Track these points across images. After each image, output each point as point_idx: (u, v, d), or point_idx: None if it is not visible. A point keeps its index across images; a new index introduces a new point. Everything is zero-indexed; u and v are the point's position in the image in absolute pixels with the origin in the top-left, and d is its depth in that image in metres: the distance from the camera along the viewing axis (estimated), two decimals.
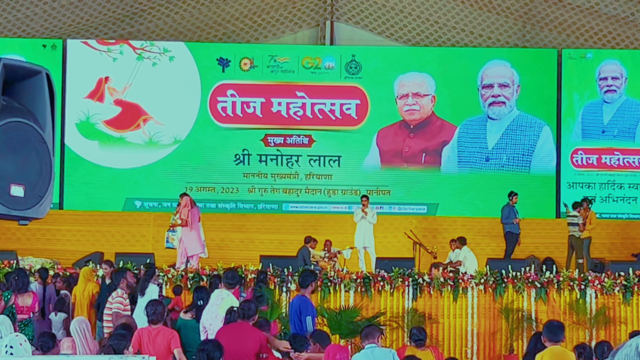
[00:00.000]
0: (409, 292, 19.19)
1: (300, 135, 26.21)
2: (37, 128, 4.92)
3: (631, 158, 26.16)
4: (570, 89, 26.32)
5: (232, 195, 26.04)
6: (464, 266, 20.88)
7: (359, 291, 19.23)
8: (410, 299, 19.16)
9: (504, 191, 24.92)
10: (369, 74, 26.30)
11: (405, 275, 19.32)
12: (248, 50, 26.43)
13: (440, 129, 26.38)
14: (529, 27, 26.66)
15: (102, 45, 26.19)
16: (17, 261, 20.20)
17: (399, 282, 19.19)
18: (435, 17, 26.52)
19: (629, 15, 25.99)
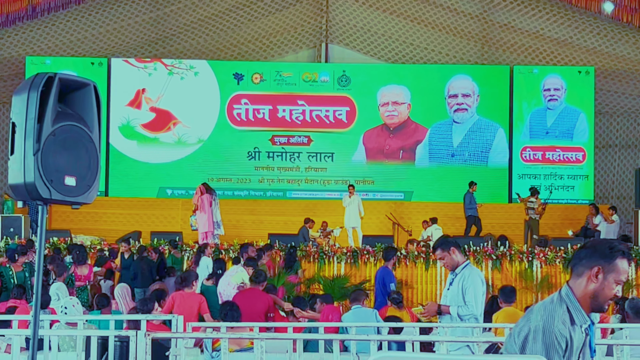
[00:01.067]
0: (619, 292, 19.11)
1: (301, 136, 26.21)
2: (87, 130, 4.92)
3: (569, 154, 26.18)
4: (520, 98, 26.32)
5: (245, 184, 26.05)
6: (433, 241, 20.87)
7: (349, 262, 19.25)
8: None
9: (466, 181, 24.94)
10: (357, 86, 26.29)
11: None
12: (258, 67, 26.41)
13: (414, 131, 26.38)
14: (486, 48, 26.67)
15: (140, 63, 26.16)
16: (71, 238, 20.21)
17: (381, 254, 19.20)
18: (411, 39, 26.53)
19: (568, 39, 25.97)
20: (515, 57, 26.50)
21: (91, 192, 4.96)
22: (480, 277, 8.43)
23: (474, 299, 8.20)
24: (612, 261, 4.18)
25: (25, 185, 4.70)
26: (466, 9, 26.05)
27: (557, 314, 4.14)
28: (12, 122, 4.75)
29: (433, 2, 25.93)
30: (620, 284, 4.18)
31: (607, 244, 4.25)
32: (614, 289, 4.18)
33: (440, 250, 8.42)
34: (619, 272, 4.18)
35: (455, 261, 8.39)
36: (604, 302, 4.19)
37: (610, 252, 4.20)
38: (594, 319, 4.28)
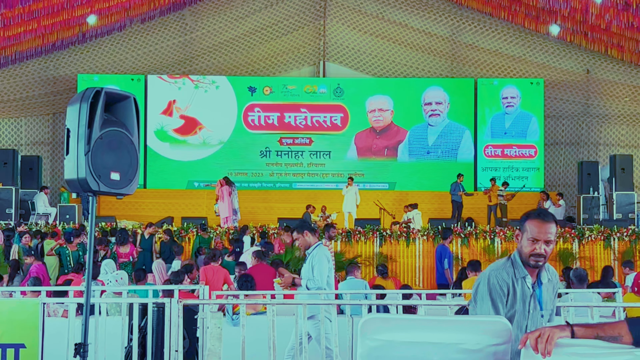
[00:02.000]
0: (376, 242, 19.22)
1: (304, 137, 26.18)
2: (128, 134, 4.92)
3: (524, 150, 26.16)
4: (483, 105, 26.31)
5: (258, 178, 26.04)
6: (413, 223, 20.89)
7: (344, 241, 19.24)
8: (377, 246, 19.19)
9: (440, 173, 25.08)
10: (349, 96, 26.27)
11: (374, 230, 19.36)
12: (268, 81, 26.39)
13: (396, 133, 26.36)
14: (455, 64, 26.66)
15: (171, 79, 26.13)
16: (116, 223, 20.24)
17: (370, 234, 19.22)
18: (393, 57, 26.53)
19: (522, 55, 25.96)
20: (478, 71, 26.50)
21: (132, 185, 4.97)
22: (326, 256, 8.36)
23: (319, 274, 8.17)
24: (524, 224, 4.31)
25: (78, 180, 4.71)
26: (438, 31, 26.06)
27: (502, 266, 4.31)
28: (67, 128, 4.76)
29: (411, 27, 25.94)
30: (535, 242, 4.22)
31: (525, 213, 4.42)
32: (529, 246, 4.24)
33: (296, 232, 8.43)
34: (530, 232, 4.26)
35: (308, 242, 8.36)
36: (526, 257, 4.26)
37: (524, 217, 4.36)
38: (545, 279, 4.33)
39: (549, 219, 4.29)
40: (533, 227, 4.27)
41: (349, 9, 26.13)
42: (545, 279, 4.36)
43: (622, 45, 24.62)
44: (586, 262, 18.78)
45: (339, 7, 26.19)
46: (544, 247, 4.23)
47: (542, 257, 4.24)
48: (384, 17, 25.95)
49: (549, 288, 4.37)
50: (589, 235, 19.38)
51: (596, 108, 26.57)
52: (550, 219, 4.29)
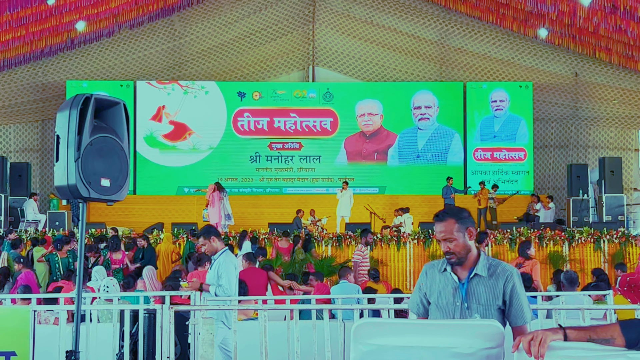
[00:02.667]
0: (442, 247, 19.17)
1: (293, 142, 26.18)
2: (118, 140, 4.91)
3: (513, 153, 26.23)
4: (472, 109, 26.37)
5: (249, 183, 26.03)
6: (404, 227, 20.91)
7: (334, 245, 19.25)
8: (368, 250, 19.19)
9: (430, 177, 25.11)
10: (339, 101, 26.30)
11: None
12: (258, 86, 26.40)
13: (386, 137, 26.40)
14: (444, 68, 26.71)
15: (160, 84, 26.11)
16: (106, 230, 20.18)
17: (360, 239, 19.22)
18: (382, 62, 26.58)
19: (510, 59, 26.02)
20: (467, 75, 26.57)
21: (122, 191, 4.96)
22: (233, 263, 8.34)
23: (227, 282, 8.13)
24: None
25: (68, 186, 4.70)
26: (427, 36, 26.10)
27: (439, 261, 4.57)
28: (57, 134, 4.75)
29: (400, 31, 25.98)
30: (440, 242, 4.44)
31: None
32: (441, 246, 4.45)
33: (202, 238, 8.36)
34: (435, 232, 4.48)
35: (215, 248, 8.30)
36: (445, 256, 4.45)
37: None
38: (484, 273, 4.37)
39: (441, 218, 4.44)
40: (434, 228, 4.49)
41: (337, 14, 26.15)
42: (485, 273, 4.36)
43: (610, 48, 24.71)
44: (576, 265, 18.82)
45: (327, 11, 26.21)
46: (448, 245, 4.38)
47: (450, 254, 4.39)
48: (373, 21, 25.98)
49: (489, 283, 4.34)
50: (579, 237, 19.43)
51: (585, 111, 26.65)
52: (442, 218, 4.43)
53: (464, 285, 4.36)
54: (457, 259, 4.37)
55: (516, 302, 4.30)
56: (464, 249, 4.38)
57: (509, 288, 4.31)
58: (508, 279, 4.33)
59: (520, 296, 4.32)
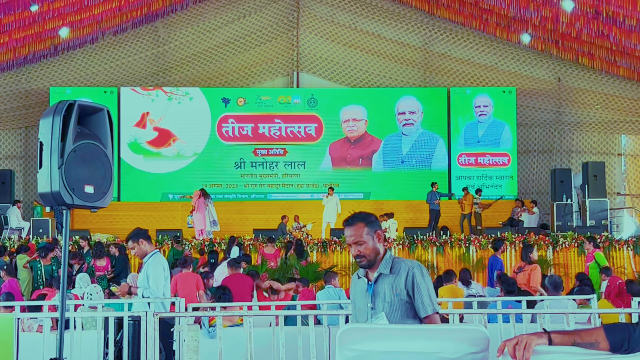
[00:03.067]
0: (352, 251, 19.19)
1: (278, 148, 26.17)
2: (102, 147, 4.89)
3: (497, 158, 26.31)
4: (456, 114, 26.44)
5: (233, 189, 25.98)
6: (389, 232, 20.93)
7: (319, 251, 19.25)
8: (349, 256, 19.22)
9: (414, 182, 25.15)
10: (323, 107, 26.31)
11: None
12: (242, 92, 26.37)
13: (371, 142, 26.42)
14: (428, 73, 26.79)
15: (144, 91, 26.04)
16: (91, 237, 20.10)
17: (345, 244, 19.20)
18: (366, 67, 26.63)
19: (494, 64, 26.14)
20: (451, 80, 26.64)
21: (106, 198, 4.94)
22: (162, 265, 8.32)
23: (155, 284, 8.14)
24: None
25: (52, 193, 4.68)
26: (411, 41, 26.20)
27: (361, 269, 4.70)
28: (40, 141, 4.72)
29: (383, 37, 26.06)
30: (350, 246, 4.57)
31: None
32: (351, 250, 4.59)
33: (131, 241, 8.35)
34: (345, 236, 4.64)
35: (144, 250, 8.30)
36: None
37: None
38: (386, 270, 4.51)
39: (351, 223, 4.57)
40: (344, 232, 4.61)
41: (321, 20, 26.20)
42: (387, 271, 4.51)
43: (593, 53, 24.86)
44: (560, 269, 18.89)
45: (311, 17, 26.25)
46: (358, 249, 4.52)
47: (360, 257, 4.54)
48: (357, 27, 26.05)
49: (392, 280, 4.49)
50: (563, 242, 19.52)
51: (568, 116, 26.78)
52: (352, 223, 4.56)
53: (372, 286, 4.54)
54: (367, 262, 4.54)
55: (418, 294, 4.42)
56: (373, 252, 4.53)
57: (410, 281, 4.44)
58: (409, 272, 4.46)
59: (421, 288, 4.43)
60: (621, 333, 2.88)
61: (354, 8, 25.89)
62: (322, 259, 18.99)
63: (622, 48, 23.69)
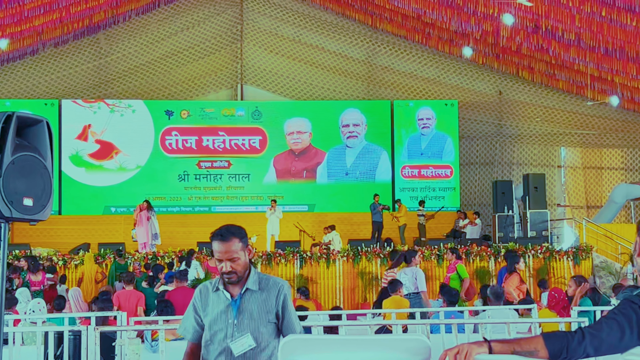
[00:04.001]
0: (297, 263, 19.23)
1: (222, 160, 26.06)
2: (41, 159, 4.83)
3: (440, 170, 26.57)
4: (400, 127, 26.64)
5: (177, 202, 25.80)
6: (333, 244, 20.96)
7: (264, 264, 19.20)
8: (298, 268, 19.19)
9: (358, 195, 25.22)
10: (267, 119, 26.29)
11: (294, 252, 19.37)
12: (186, 104, 26.23)
13: (315, 155, 26.48)
14: (372, 86, 26.97)
15: (86, 103, 25.73)
16: (30, 251, 19.77)
17: (290, 256, 19.22)
18: (310, 80, 26.70)
19: (436, 78, 26.45)
20: (394, 93, 26.86)
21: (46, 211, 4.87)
22: None
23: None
24: (212, 245, 4.39)
25: None
26: (354, 54, 26.39)
27: (214, 279, 4.51)
28: None
29: (327, 50, 26.20)
30: (221, 261, 4.33)
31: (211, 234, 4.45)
32: (218, 265, 4.36)
33: None
34: (215, 252, 4.35)
35: None
36: (222, 276, 4.38)
37: (212, 237, 4.41)
38: (255, 287, 4.37)
39: (226, 238, 4.34)
40: (215, 247, 4.35)
41: (265, 32, 26.23)
42: (256, 287, 4.37)
43: (533, 67, 25.30)
44: None
45: (255, 30, 26.27)
46: (230, 265, 4.30)
47: (232, 274, 4.31)
48: (301, 40, 26.14)
49: (261, 297, 4.37)
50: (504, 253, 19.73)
51: (509, 128, 27.18)
52: (227, 238, 4.34)
53: (237, 302, 4.34)
54: (237, 278, 4.34)
55: (288, 314, 4.37)
56: (244, 268, 4.36)
57: (281, 301, 4.37)
58: (280, 291, 4.37)
59: (291, 309, 4.40)
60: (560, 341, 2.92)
61: (298, 21, 25.99)
62: (267, 271, 18.93)
63: (561, 62, 24.15)
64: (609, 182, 27.57)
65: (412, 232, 23.67)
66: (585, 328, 2.94)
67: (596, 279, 19.35)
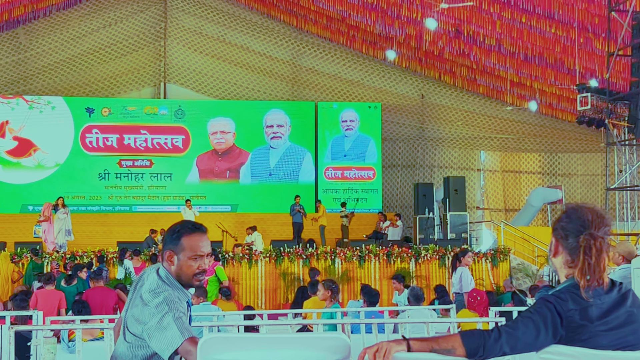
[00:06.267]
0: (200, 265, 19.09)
1: (144, 159, 25.75)
2: None
3: (363, 172, 26.74)
4: (323, 128, 26.73)
5: (97, 201, 25.39)
6: (255, 245, 20.91)
7: None
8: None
9: (282, 195, 25.21)
10: (191, 118, 26.07)
11: (217, 253, 19.25)
12: (107, 102, 25.83)
13: (239, 155, 26.38)
14: (296, 87, 27.02)
15: (4, 99, 25.12)
16: None
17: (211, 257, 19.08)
18: (235, 80, 26.60)
19: (360, 80, 26.65)
20: (319, 94, 26.96)
21: None
22: None
23: None
24: (178, 242, 3.76)
25: None
26: (279, 55, 26.40)
27: (172, 287, 3.72)
28: None
29: (252, 50, 26.14)
30: (198, 259, 3.76)
31: (173, 228, 3.86)
32: (192, 265, 3.76)
33: None
34: (190, 249, 3.75)
35: None
36: (188, 279, 3.77)
37: (175, 235, 3.79)
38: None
39: (204, 229, 3.84)
40: (194, 242, 3.76)
41: (189, 31, 26.04)
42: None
43: (454, 71, 25.71)
44: (422, 281, 19.33)
45: (179, 28, 26.05)
46: (206, 261, 3.80)
47: (203, 273, 3.82)
48: (226, 39, 26.03)
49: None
50: (424, 254, 20.00)
51: (430, 132, 27.54)
52: (205, 231, 3.84)
53: (190, 310, 3.92)
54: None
55: None
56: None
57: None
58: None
59: None
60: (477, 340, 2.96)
61: (223, 20, 25.87)
62: None
63: (482, 67, 24.60)
64: (527, 185, 28.18)
65: (335, 233, 23.77)
66: (502, 327, 2.99)
67: (513, 280, 19.74)
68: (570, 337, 2.95)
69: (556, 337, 2.95)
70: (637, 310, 3.01)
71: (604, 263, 3.00)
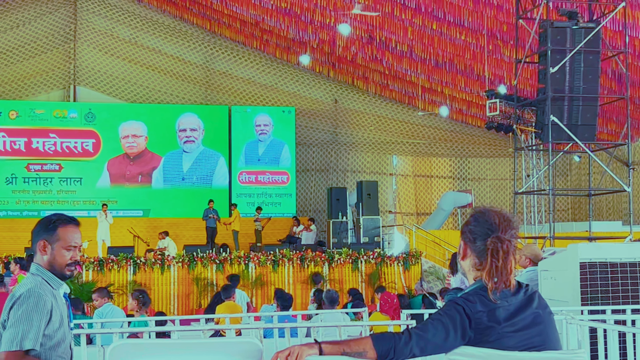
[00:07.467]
0: (130, 270, 18.88)
1: (53, 163, 25.22)
2: None
3: (277, 177, 26.76)
4: (238, 132, 26.65)
5: (4, 205, 24.76)
6: (168, 250, 20.72)
7: (96, 270, 18.73)
8: (131, 274, 18.84)
9: (195, 200, 25.02)
10: (101, 122, 25.65)
11: (128, 258, 19.02)
12: (14, 105, 25.21)
13: (151, 159, 26.08)
14: (209, 91, 26.87)
15: None
16: None
17: (123, 262, 18.84)
18: (147, 83, 26.31)
19: (274, 84, 26.68)
20: (232, 98, 26.87)
21: None
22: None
23: None
24: (54, 232, 3.88)
25: None
26: (192, 59, 26.22)
27: (36, 286, 3.70)
28: None
29: (165, 53, 25.89)
30: (71, 249, 3.86)
31: (48, 219, 3.99)
32: (65, 255, 3.85)
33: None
34: (64, 240, 3.88)
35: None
36: (62, 269, 3.84)
37: (52, 225, 3.91)
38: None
39: (79, 223, 4.02)
40: (69, 234, 3.91)
41: (100, 33, 25.63)
42: (67, 290, 3.96)
43: (367, 76, 25.98)
44: (336, 284, 19.44)
45: (89, 30, 25.61)
46: (78, 253, 3.93)
47: (75, 264, 3.91)
48: (137, 42, 25.71)
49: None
50: (338, 258, 20.12)
51: (344, 136, 27.74)
52: (79, 223, 4.02)
53: (68, 304, 3.94)
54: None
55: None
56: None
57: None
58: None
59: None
60: (387, 342, 3.00)
61: (134, 23, 25.55)
62: (98, 277, 18.47)
63: (394, 72, 24.92)
64: (438, 189, 28.65)
65: (249, 237, 23.70)
66: (412, 329, 3.03)
67: (424, 283, 20.03)
68: (478, 339, 3.00)
69: (465, 338, 3.01)
70: (543, 312, 3.09)
71: (510, 265, 3.06)
